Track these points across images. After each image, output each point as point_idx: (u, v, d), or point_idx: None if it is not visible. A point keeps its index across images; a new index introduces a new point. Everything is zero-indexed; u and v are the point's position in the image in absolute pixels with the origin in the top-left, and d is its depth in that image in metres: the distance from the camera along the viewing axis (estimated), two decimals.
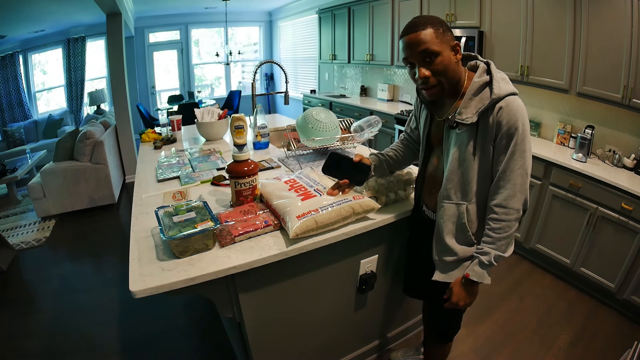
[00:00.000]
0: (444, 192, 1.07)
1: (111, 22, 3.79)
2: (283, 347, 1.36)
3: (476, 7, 2.78)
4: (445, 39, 0.95)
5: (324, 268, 1.30)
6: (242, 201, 1.29)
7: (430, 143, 1.18)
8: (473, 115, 0.96)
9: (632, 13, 1.87)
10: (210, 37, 7.32)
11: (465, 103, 0.99)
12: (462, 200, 1.05)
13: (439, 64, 0.95)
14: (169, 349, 1.84)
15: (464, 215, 1.05)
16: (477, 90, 0.97)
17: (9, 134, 5.47)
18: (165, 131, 2.54)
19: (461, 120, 0.98)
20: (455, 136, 1.02)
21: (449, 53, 0.96)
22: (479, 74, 0.99)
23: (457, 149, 1.02)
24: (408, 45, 0.96)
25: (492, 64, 1.01)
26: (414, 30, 0.94)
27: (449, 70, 0.97)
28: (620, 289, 1.98)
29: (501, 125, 0.94)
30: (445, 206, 1.07)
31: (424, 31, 0.93)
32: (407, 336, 1.84)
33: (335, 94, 5.26)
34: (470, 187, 1.02)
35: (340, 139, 1.90)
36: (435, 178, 1.15)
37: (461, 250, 1.08)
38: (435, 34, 0.93)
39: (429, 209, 1.21)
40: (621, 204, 1.91)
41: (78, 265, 2.71)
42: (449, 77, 0.98)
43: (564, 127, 2.55)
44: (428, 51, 0.93)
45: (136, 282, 0.94)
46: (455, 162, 1.03)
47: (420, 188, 1.26)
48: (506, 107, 0.93)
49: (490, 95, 0.94)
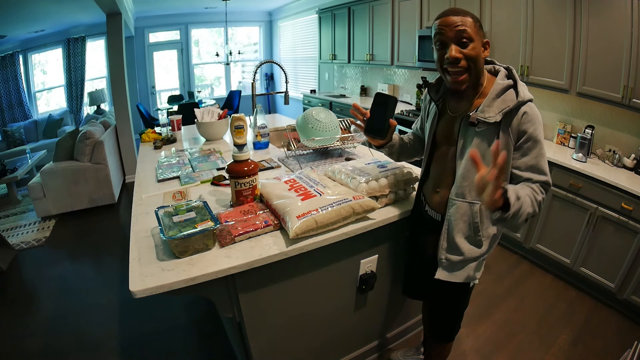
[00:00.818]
0: (458, 190, 1.06)
1: (111, 22, 3.79)
2: (283, 347, 1.36)
3: (476, 7, 2.78)
4: (480, 32, 0.98)
5: (324, 268, 1.30)
6: (242, 201, 1.29)
7: (435, 140, 1.17)
8: (497, 114, 0.98)
9: (632, 13, 1.87)
10: (210, 37, 7.32)
11: (488, 102, 1.00)
12: (476, 199, 1.04)
13: (472, 50, 0.96)
14: (169, 349, 1.84)
15: (477, 215, 1.04)
16: (500, 92, 0.99)
17: (9, 134, 5.47)
18: (165, 131, 2.54)
19: (484, 119, 0.99)
20: (473, 134, 1.02)
21: (479, 45, 0.98)
22: (501, 77, 1.03)
23: (475, 147, 1.01)
24: (446, 24, 0.96)
25: (513, 69, 1.04)
26: (456, 14, 0.96)
27: (479, 60, 0.98)
28: (620, 289, 1.98)
29: (527, 128, 0.97)
30: (458, 204, 1.06)
31: (465, 17, 0.96)
32: (407, 336, 1.84)
33: (335, 94, 5.26)
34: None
35: (340, 139, 1.90)
36: (441, 176, 1.14)
37: (469, 251, 1.08)
38: (474, 25, 0.96)
39: (432, 208, 1.19)
40: (621, 204, 1.91)
41: (78, 265, 2.71)
42: (477, 67, 0.99)
43: (564, 127, 2.55)
44: (466, 33, 0.95)
45: (136, 282, 0.94)
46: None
47: (422, 186, 1.26)
48: (530, 111, 0.97)
49: (516, 98, 0.97)
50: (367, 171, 1.38)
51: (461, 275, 1.11)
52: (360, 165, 1.47)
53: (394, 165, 1.46)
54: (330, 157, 1.94)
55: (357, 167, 1.44)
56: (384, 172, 1.38)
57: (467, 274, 1.11)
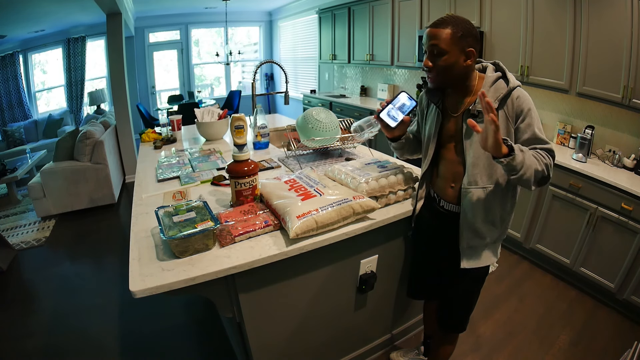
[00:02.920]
0: (471, 179, 1.11)
1: (111, 22, 3.79)
2: (283, 347, 1.36)
3: (476, 7, 2.78)
4: (460, 43, 1.03)
5: (324, 268, 1.30)
6: (242, 201, 1.29)
7: (441, 139, 1.21)
8: (493, 102, 1.04)
9: (632, 13, 1.87)
10: (210, 37, 7.32)
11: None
12: (488, 183, 1.11)
13: (442, 62, 1.05)
14: (169, 349, 1.84)
15: (491, 197, 1.11)
16: (491, 83, 1.09)
17: (9, 133, 5.47)
18: (165, 131, 2.54)
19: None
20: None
21: (458, 56, 1.04)
22: (490, 71, 1.12)
23: (480, 136, 1.05)
24: (426, 36, 1.08)
25: (500, 62, 1.13)
26: (434, 26, 1.05)
27: (451, 69, 1.06)
28: (620, 289, 1.98)
29: (522, 108, 1.06)
30: (473, 191, 1.11)
31: (443, 30, 1.03)
32: (407, 336, 1.84)
33: (335, 94, 5.26)
34: (495, 168, 1.09)
35: (340, 139, 1.90)
36: (453, 171, 1.18)
37: (490, 233, 1.15)
38: (451, 36, 1.02)
39: (449, 202, 1.22)
40: (621, 204, 1.91)
41: (78, 265, 2.71)
42: (451, 75, 1.08)
43: (564, 127, 2.55)
44: (437, 47, 1.04)
45: (136, 282, 0.94)
46: (479, 146, 1.06)
47: (431, 184, 1.29)
48: (521, 94, 1.07)
49: (507, 85, 1.07)
50: (367, 171, 1.38)
51: (484, 259, 1.18)
52: (360, 165, 1.47)
53: (394, 165, 1.46)
54: (330, 157, 1.95)
55: (357, 167, 1.44)
56: (384, 172, 1.38)
57: (489, 257, 1.19)
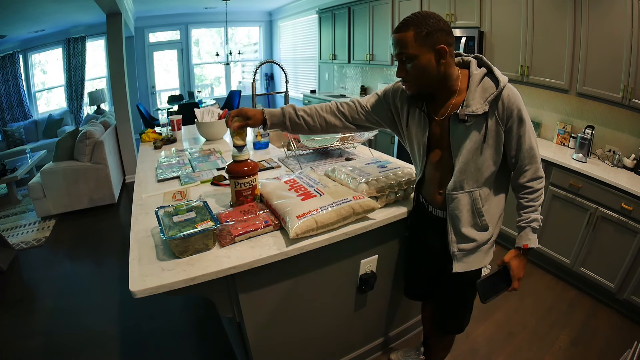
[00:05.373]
0: (457, 184, 1.08)
1: (111, 22, 3.79)
2: (283, 347, 1.36)
3: (476, 7, 2.78)
4: (428, 42, 0.94)
5: (324, 268, 1.30)
6: (242, 201, 1.29)
7: (429, 145, 1.15)
8: (483, 104, 0.99)
9: (632, 13, 1.87)
10: (210, 37, 7.32)
11: (471, 95, 1.01)
12: (474, 187, 1.08)
13: (413, 67, 0.98)
14: (169, 349, 1.84)
15: (478, 201, 1.09)
16: (478, 82, 1.02)
17: (9, 133, 5.47)
18: (165, 131, 2.54)
19: (471, 112, 1.00)
20: (464, 129, 1.03)
21: (429, 57, 0.96)
22: (474, 68, 1.04)
23: (469, 140, 1.03)
24: (392, 43, 1.00)
25: (483, 57, 1.06)
26: (397, 31, 0.98)
27: (426, 73, 0.99)
28: (620, 289, 1.98)
29: (512, 110, 1.00)
30: (459, 197, 1.09)
31: (405, 33, 0.95)
32: (407, 336, 1.84)
33: (335, 94, 5.26)
34: (483, 174, 1.06)
35: (340, 139, 1.90)
36: (441, 177, 1.14)
37: (479, 236, 1.13)
38: (416, 37, 0.94)
39: (438, 208, 1.19)
40: (621, 204, 1.91)
41: (78, 265, 2.71)
42: (426, 80, 1.01)
43: (564, 127, 2.55)
44: (404, 54, 0.97)
45: (136, 282, 0.94)
46: (469, 153, 1.04)
47: (420, 189, 1.25)
48: (511, 93, 1.00)
49: (497, 85, 1.00)
50: (367, 171, 1.38)
51: (475, 262, 1.15)
52: (360, 165, 1.47)
53: (394, 165, 1.46)
54: (330, 157, 1.95)
55: (357, 167, 1.44)
56: (384, 172, 1.38)
57: (480, 260, 1.15)
